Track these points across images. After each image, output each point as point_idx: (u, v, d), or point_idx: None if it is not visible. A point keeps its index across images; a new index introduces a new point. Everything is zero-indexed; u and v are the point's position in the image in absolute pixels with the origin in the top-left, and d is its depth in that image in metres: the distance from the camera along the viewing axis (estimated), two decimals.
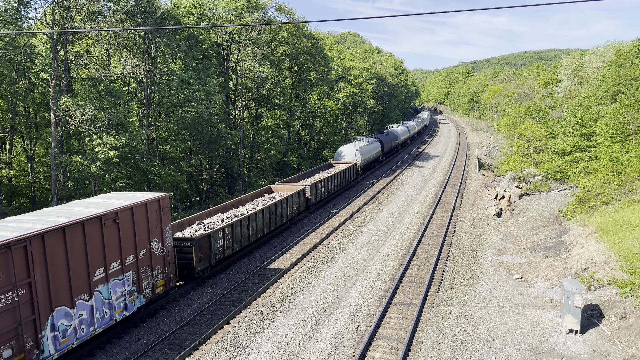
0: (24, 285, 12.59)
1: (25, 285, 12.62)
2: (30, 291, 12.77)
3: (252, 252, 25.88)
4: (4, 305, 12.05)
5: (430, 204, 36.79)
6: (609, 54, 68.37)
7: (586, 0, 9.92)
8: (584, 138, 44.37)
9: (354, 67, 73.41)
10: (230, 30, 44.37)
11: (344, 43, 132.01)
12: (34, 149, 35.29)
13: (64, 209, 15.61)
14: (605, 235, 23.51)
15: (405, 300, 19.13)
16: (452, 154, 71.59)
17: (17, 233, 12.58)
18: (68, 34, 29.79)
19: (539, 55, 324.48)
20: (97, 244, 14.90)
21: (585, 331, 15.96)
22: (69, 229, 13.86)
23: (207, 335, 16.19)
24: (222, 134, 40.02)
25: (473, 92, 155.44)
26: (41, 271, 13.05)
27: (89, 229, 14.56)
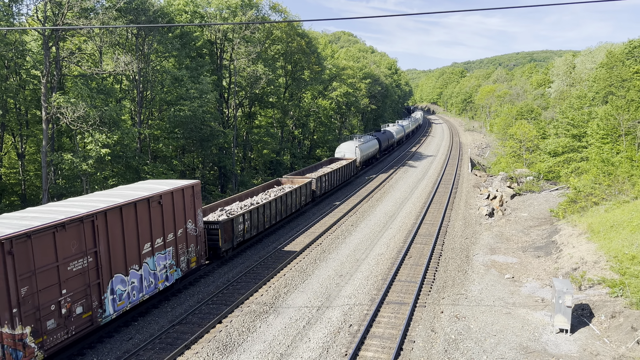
0: (92, 253, 15.15)
1: (93, 253, 15.19)
2: (96, 259, 15.32)
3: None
4: (77, 269, 14.60)
5: (423, 204, 36.89)
6: (600, 55, 68.87)
7: (579, 2, 9.99)
8: (576, 139, 44.68)
9: (348, 67, 73.46)
10: (224, 28, 44.24)
11: (338, 42, 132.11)
12: (24, 147, 34.98)
13: (116, 192, 18.26)
14: (595, 236, 23.70)
15: (398, 300, 19.18)
16: (444, 154, 71.83)
17: (86, 210, 15.10)
18: (60, 31, 29.56)
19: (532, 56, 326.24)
20: (145, 221, 17.44)
21: (576, 330, 16.08)
22: (124, 208, 16.43)
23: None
24: (215, 133, 39.91)
25: (466, 93, 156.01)
26: (104, 242, 15.59)
27: (140, 209, 17.13)
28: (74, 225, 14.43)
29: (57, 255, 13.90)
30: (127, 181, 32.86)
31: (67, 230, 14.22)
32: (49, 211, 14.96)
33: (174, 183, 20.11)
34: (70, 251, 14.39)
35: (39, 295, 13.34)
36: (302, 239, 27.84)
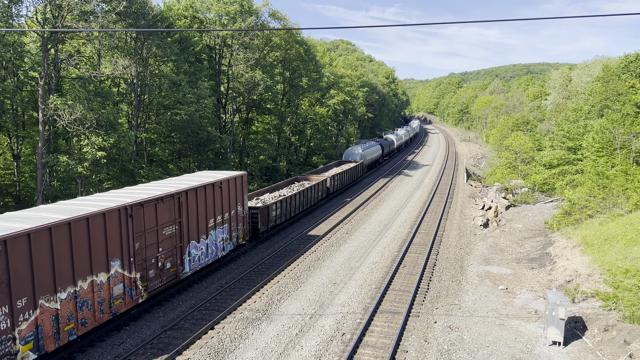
0: (177, 222, 19.61)
1: (178, 223, 19.63)
2: (180, 227, 19.80)
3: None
4: (168, 234, 19.11)
5: (418, 213, 36.93)
6: (596, 69, 69.42)
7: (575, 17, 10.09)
8: (571, 151, 44.94)
9: (346, 75, 73.73)
10: (223, 34, 44.36)
11: (337, 51, 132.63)
12: (20, 148, 34.86)
13: (187, 178, 23.29)
14: (589, 248, 23.77)
15: (391, 309, 19.14)
16: (440, 163, 72.03)
17: (174, 189, 19.71)
18: (59, 33, 29.57)
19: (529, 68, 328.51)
20: (211, 202, 21.96)
21: (569, 343, 16.08)
22: (199, 189, 21.03)
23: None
24: (212, 138, 39.90)
25: (463, 103, 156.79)
26: (185, 215, 20.06)
27: (209, 191, 21.80)
28: (167, 200, 18.92)
29: (157, 221, 18.45)
30: (122, 184, 32.80)
31: (164, 203, 18.78)
32: (144, 190, 19.50)
33: (228, 173, 24.85)
34: (165, 219, 18.89)
35: (145, 250, 17.90)
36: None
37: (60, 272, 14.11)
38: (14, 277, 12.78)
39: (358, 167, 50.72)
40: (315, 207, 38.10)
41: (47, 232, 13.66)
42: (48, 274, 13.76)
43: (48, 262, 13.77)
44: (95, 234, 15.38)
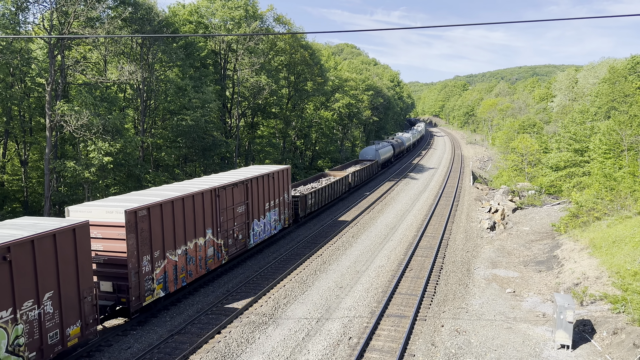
0: (246, 204, 24.99)
1: (246, 204, 25.02)
2: (247, 207, 25.19)
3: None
4: (239, 212, 24.33)
5: (424, 216, 36.82)
6: (603, 70, 69.11)
7: (581, 18, 10.06)
8: (578, 153, 44.67)
9: (351, 78, 73.78)
10: (228, 39, 44.54)
11: (341, 54, 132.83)
12: (27, 154, 35.08)
13: (246, 169, 29.27)
14: (597, 251, 23.59)
15: (398, 313, 19.07)
16: (446, 166, 71.84)
17: (243, 177, 25.03)
18: (65, 40, 29.80)
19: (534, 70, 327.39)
20: (267, 188, 27.24)
21: (577, 346, 15.95)
22: (259, 178, 26.35)
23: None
24: (218, 142, 40.01)
25: (468, 106, 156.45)
26: (250, 198, 25.41)
27: (266, 180, 27.11)
28: (240, 185, 24.41)
29: (233, 201, 23.74)
30: (128, 189, 32.92)
31: (238, 187, 24.18)
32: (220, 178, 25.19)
33: (277, 166, 30.25)
34: (238, 200, 24.20)
35: (226, 223, 23.14)
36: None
37: (177, 234, 19.30)
38: (154, 235, 17.90)
39: (374, 165, 56.07)
40: (339, 199, 43.40)
41: (170, 204, 18.85)
42: (171, 234, 18.91)
43: (171, 226, 18.87)
44: (197, 208, 20.58)
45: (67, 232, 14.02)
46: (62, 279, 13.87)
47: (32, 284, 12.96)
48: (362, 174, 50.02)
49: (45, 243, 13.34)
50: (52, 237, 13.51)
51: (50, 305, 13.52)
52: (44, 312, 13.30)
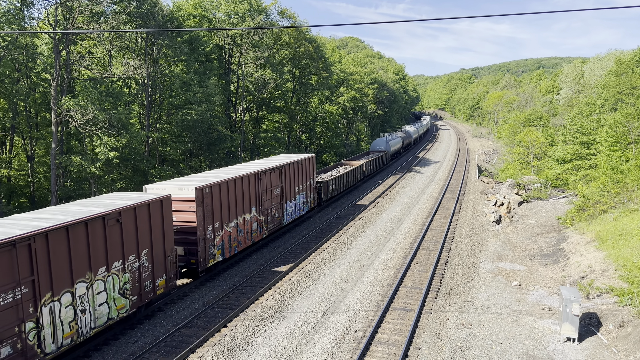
0: (281, 186, 28.63)
1: (281, 186, 28.66)
2: (282, 190, 28.81)
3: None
4: (275, 194, 27.80)
5: (429, 210, 36.78)
6: (609, 62, 68.54)
7: (588, 9, 9.97)
8: (584, 146, 44.39)
9: (355, 72, 73.51)
10: (233, 33, 44.47)
11: (346, 48, 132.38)
12: (34, 149, 35.28)
13: (279, 157, 33.04)
14: (604, 244, 23.50)
15: (403, 306, 19.09)
16: (452, 160, 71.63)
17: (278, 163, 28.48)
18: (70, 35, 29.85)
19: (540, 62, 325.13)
20: (296, 174, 30.95)
21: (583, 339, 15.93)
22: (292, 165, 30.10)
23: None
24: (223, 137, 40.05)
25: (474, 99, 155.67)
26: (284, 182, 29.00)
27: (296, 166, 30.85)
28: (277, 170, 28.04)
29: (271, 184, 27.34)
30: (134, 184, 33.07)
31: (275, 172, 27.75)
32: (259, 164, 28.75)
33: (304, 155, 33.69)
34: (275, 183, 27.82)
35: (266, 203, 26.79)
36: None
37: (231, 209, 22.97)
38: (214, 209, 21.64)
39: (385, 155, 60.10)
40: (355, 186, 46.68)
41: (226, 184, 22.56)
42: (226, 209, 22.62)
43: (226, 202, 22.63)
44: (245, 188, 24.23)
45: (157, 203, 17.61)
46: (154, 240, 17.47)
47: (134, 243, 16.52)
48: (374, 164, 54.02)
49: (143, 210, 16.90)
50: (147, 206, 17.06)
51: (146, 260, 17.20)
52: (141, 265, 17.01)
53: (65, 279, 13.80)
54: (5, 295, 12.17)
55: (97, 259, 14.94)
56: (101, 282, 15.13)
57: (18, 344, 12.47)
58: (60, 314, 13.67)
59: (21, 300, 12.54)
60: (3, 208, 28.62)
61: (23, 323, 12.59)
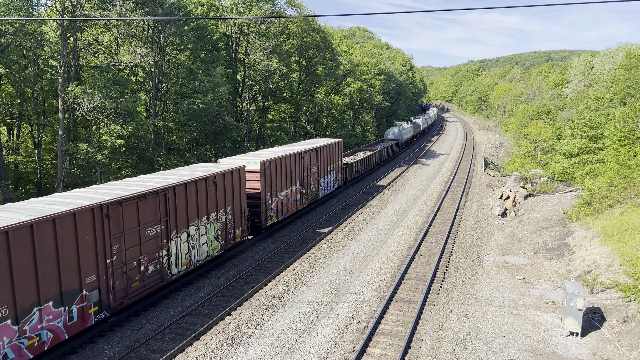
0: (316, 165, 33.02)
1: (317, 165, 33.06)
2: (318, 168, 33.32)
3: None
4: (314, 170, 32.52)
5: (434, 202, 36.72)
6: (619, 56, 67.83)
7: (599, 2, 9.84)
8: (592, 140, 44.08)
9: (362, 63, 73.16)
10: (240, 22, 44.30)
11: (353, 38, 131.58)
12: (41, 136, 35.44)
13: (312, 141, 37.29)
14: (609, 239, 23.41)
15: (407, 298, 19.14)
16: (458, 152, 71.37)
17: (315, 146, 32.84)
18: (78, 22, 29.84)
19: (549, 55, 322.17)
20: (328, 156, 35.23)
21: (586, 334, 15.93)
22: (326, 147, 34.54)
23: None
24: (229, 126, 40.05)
25: (481, 91, 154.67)
26: (320, 162, 33.55)
27: (329, 148, 35.31)
28: (314, 151, 32.56)
29: (310, 162, 31.86)
30: (141, 172, 33.18)
31: (313, 152, 32.31)
32: (299, 146, 32.72)
33: (334, 139, 37.79)
34: (313, 162, 32.32)
35: (306, 178, 31.54)
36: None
37: (283, 181, 27.78)
38: (272, 180, 26.45)
39: (398, 143, 64.94)
40: (373, 170, 51.04)
41: (280, 159, 27.23)
42: (280, 181, 27.37)
43: (280, 175, 27.32)
44: (292, 164, 28.92)
45: (237, 171, 22.72)
46: (234, 199, 22.66)
47: (223, 200, 21.69)
48: (390, 150, 59.31)
49: (229, 176, 22.03)
50: (231, 173, 22.20)
51: (230, 214, 22.37)
52: (227, 218, 22.17)
53: (183, 222, 18.97)
54: (151, 228, 17.23)
55: (201, 210, 20.06)
56: (203, 227, 20.33)
57: (157, 265, 17.66)
58: (180, 247, 18.83)
59: (160, 234, 17.65)
60: (10, 194, 28.82)
61: (161, 250, 17.77)
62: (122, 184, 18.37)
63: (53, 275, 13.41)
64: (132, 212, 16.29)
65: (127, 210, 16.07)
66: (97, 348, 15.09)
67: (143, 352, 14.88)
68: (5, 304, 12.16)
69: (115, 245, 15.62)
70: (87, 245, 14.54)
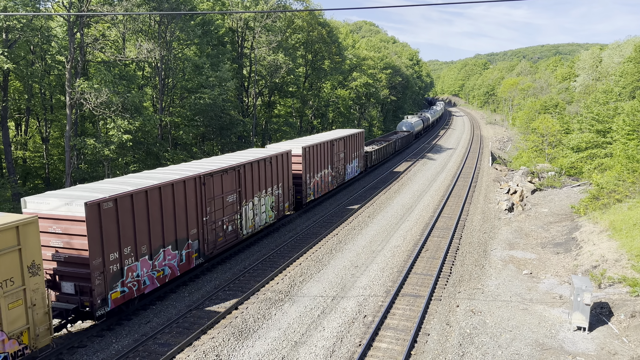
0: (344, 152, 37.41)
1: (344, 152, 37.44)
2: (344, 155, 37.72)
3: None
4: (341, 157, 37.03)
5: (441, 197, 36.63)
6: (628, 49, 67.15)
7: None
8: (600, 134, 43.70)
9: (369, 57, 72.89)
10: (245, 17, 44.22)
11: (359, 32, 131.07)
12: (48, 131, 35.63)
13: (338, 131, 41.30)
14: (617, 233, 23.27)
15: (413, 292, 19.14)
16: (465, 147, 71.07)
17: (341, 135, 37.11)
18: (84, 17, 29.90)
19: (557, 49, 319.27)
20: (352, 145, 39.36)
21: (594, 329, 15.88)
22: (351, 136, 38.85)
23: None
24: (235, 121, 40.08)
25: (488, 85, 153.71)
26: (345, 150, 37.75)
27: (353, 137, 39.62)
28: (342, 140, 36.68)
29: (338, 150, 35.85)
30: (147, 167, 33.29)
31: (339, 142, 36.09)
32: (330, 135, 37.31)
33: (356, 130, 41.68)
34: (341, 150, 36.38)
35: (336, 163, 35.47)
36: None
37: (319, 164, 32.37)
38: (311, 164, 30.93)
39: (410, 135, 69.25)
40: (388, 159, 55.21)
41: (315, 146, 31.61)
42: (316, 165, 31.92)
43: (316, 160, 31.81)
44: (325, 151, 33.35)
45: (285, 154, 27.25)
46: (284, 178, 27.20)
47: (276, 178, 26.19)
48: (402, 141, 64.00)
49: (279, 158, 26.40)
50: (281, 156, 26.66)
51: (280, 190, 26.91)
52: (279, 193, 26.78)
53: (250, 193, 23.64)
54: (230, 196, 21.88)
55: (262, 184, 24.73)
56: (263, 198, 24.95)
57: (234, 225, 22.43)
58: (247, 214, 23.49)
59: (235, 201, 22.33)
60: (19, 189, 29.04)
61: (236, 214, 22.47)
62: (201, 162, 23.13)
63: (171, 227, 17.99)
64: (218, 183, 20.93)
65: (215, 181, 20.72)
66: (105, 342, 15.21)
67: (151, 345, 15.00)
68: (145, 244, 16.77)
69: (208, 207, 20.18)
70: (191, 205, 19.07)
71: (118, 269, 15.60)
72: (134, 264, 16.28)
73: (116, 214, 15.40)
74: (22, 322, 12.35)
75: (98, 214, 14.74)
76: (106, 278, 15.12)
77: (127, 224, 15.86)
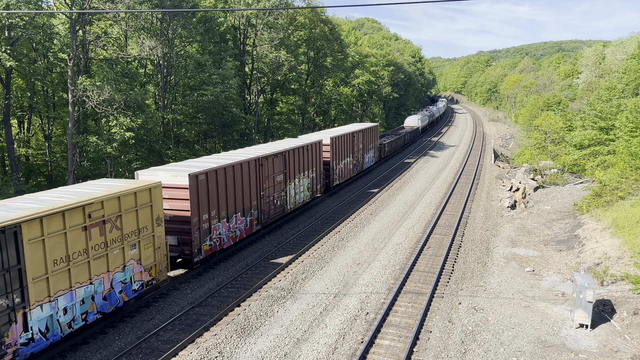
0: (362, 143, 42.30)
1: (362, 143, 42.30)
2: (362, 146, 42.55)
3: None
4: (360, 147, 41.69)
5: (443, 194, 36.60)
6: (632, 46, 66.86)
7: None
8: (603, 131, 43.55)
9: (371, 54, 72.78)
10: (247, 14, 44.18)
11: (362, 29, 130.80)
12: (51, 129, 35.68)
13: (356, 125, 46.78)
14: (620, 231, 23.22)
15: (415, 290, 19.15)
16: (467, 144, 70.95)
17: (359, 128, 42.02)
18: (86, 15, 29.91)
19: (560, 46, 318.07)
20: (369, 136, 44.48)
21: (596, 326, 15.87)
22: (368, 129, 44.05)
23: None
24: (237, 119, 40.09)
25: (491, 82, 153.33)
26: (363, 141, 42.54)
27: (369, 131, 44.14)
28: (360, 133, 41.07)
29: (358, 141, 40.67)
30: (150, 164, 33.35)
31: (359, 134, 40.92)
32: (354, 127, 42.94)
33: (372, 124, 46.06)
34: (359, 141, 40.97)
35: (356, 153, 40.42)
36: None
37: (342, 153, 37.00)
38: (337, 152, 35.68)
39: (417, 130, 73.96)
40: (399, 151, 59.96)
41: (340, 137, 36.43)
42: (340, 154, 36.41)
43: (341, 148, 36.47)
44: (348, 142, 37.95)
45: (318, 143, 31.56)
46: (316, 163, 31.50)
47: (310, 163, 30.53)
48: (411, 135, 68.59)
49: (312, 147, 30.56)
50: (314, 145, 30.91)
51: (314, 174, 31.30)
52: (313, 176, 31.11)
53: (292, 175, 28.08)
54: (279, 177, 26.38)
55: (301, 168, 29.18)
56: (302, 180, 29.40)
57: (281, 201, 26.99)
58: (290, 192, 28.01)
59: (282, 181, 26.82)
60: (22, 186, 29.10)
61: (283, 191, 27.04)
62: (253, 148, 27.61)
63: (240, 197, 22.73)
64: (270, 165, 25.43)
65: (269, 163, 25.28)
66: (108, 339, 15.27)
67: (153, 342, 15.05)
68: (224, 209, 21.48)
69: (263, 184, 24.73)
70: (252, 182, 23.75)
71: (207, 227, 20.27)
72: (217, 224, 21.00)
73: (207, 184, 20.07)
74: (151, 260, 16.88)
75: (196, 183, 19.37)
76: (200, 233, 19.76)
77: (213, 193, 20.55)
